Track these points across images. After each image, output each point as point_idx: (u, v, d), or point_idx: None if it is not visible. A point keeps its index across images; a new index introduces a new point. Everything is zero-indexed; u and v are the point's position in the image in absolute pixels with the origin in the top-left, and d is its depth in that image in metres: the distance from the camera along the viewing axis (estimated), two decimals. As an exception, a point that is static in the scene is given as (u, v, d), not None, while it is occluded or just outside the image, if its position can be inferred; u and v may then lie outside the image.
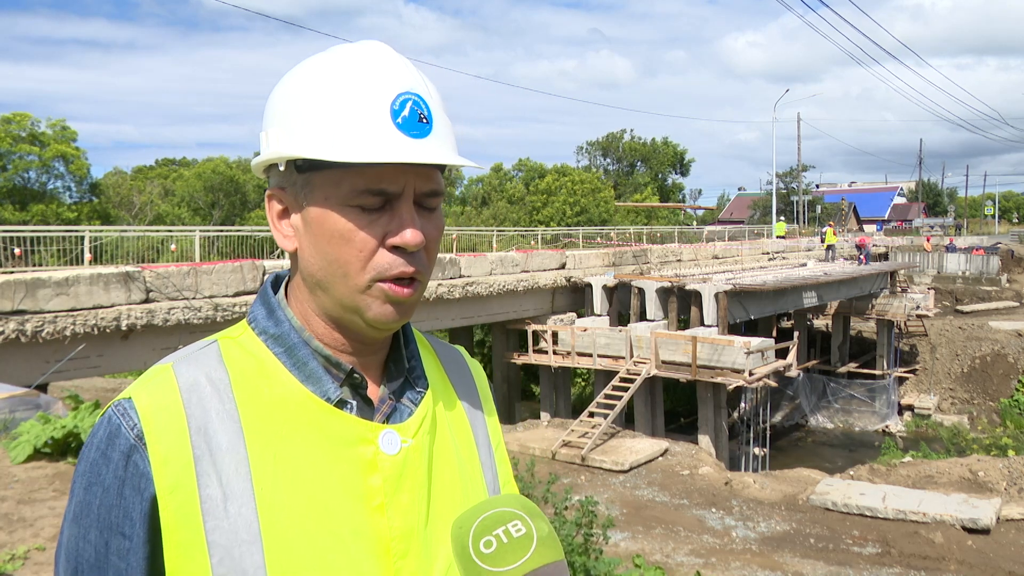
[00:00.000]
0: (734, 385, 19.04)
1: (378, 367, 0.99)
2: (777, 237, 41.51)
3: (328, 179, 0.89)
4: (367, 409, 0.95)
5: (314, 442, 0.90)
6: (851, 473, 17.18)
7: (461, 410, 1.06)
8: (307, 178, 0.90)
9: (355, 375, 0.94)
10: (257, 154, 0.99)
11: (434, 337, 1.13)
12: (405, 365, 1.00)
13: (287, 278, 1.01)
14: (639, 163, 64.84)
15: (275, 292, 0.99)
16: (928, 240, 50.09)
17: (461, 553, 0.84)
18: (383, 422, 0.95)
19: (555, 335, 21.64)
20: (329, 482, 0.89)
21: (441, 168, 0.94)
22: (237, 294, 14.07)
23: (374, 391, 0.97)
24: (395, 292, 0.90)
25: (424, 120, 0.90)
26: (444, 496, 0.96)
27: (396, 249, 0.90)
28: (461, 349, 1.16)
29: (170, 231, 21.50)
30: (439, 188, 0.93)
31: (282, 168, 0.92)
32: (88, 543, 0.87)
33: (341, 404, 0.93)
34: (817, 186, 73.82)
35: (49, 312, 11.52)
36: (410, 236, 0.89)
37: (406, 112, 0.88)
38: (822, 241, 35.19)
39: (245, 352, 0.93)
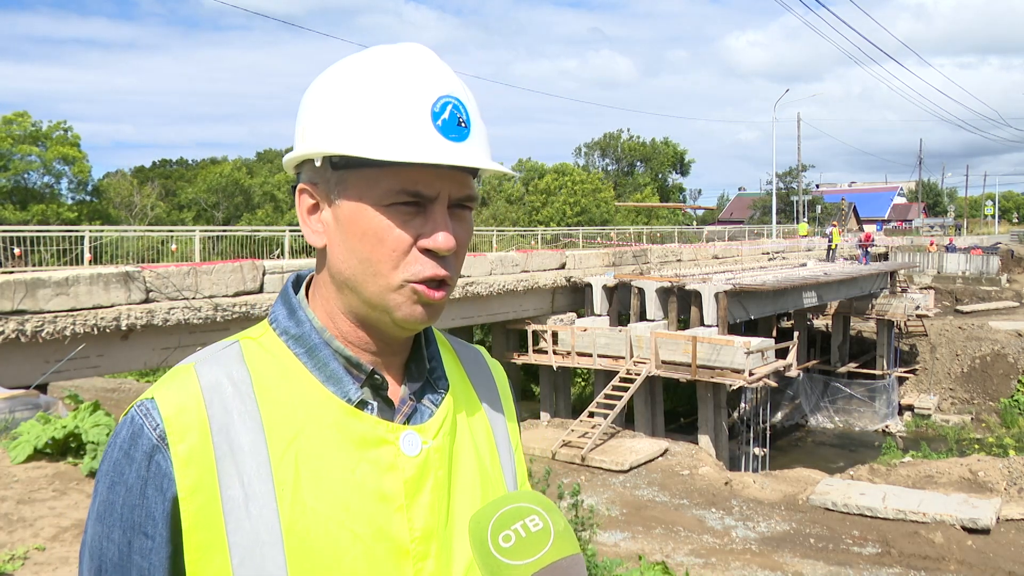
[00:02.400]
0: (734, 385, 19.05)
1: (399, 368, 0.99)
2: (800, 236, 42.72)
3: (364, 178, 0.89)
4: (388, 410, 0.95)
5: (335, 443, 0.90)
6: (851, 473, 17.20)
7: (482, 411, 1.06)
8: (342, 175, 0.90)
9: (376, 376, 0.94)
10: (289, 150, 0.98)
11: (453, 336, 1.13)
12: (426, 366, 1.00)
13: (308, 277, 1.01)
14: (639, 163, 64.83)
15: (296, 292, 0.99)
16: (932, 242, 49.87)
17: (480, 547, 0.85)
18: (404, 423, 0.94)
19: (555, 335, 21.63)
20: (350, 483, 0.89)
21: (474, 173, 0.94)
22: (237, 294, 14.07)
23: (395, 392, 0.97)
24: (427, 294, 0.90)
25: (463, 124, 0.90)
26: (464, 498, 0.96)
27: (428, 252, 0.90)
28: (481, 349, 1.15)
29: (170, 231, 21.50)
30: (473, 193, 0.93)
31: (318, 164, 0.91)
32: (111, 542, 0.88)
33: (362, 405, 0.92)
34: (817, 186, 73.74)
35: (49, 312, 11.52)
36: (442, 240, 0.89)
37: (446, 115, 0.89)
38: (829, 241, 35.42)
39: (266, 352, 0.93)
